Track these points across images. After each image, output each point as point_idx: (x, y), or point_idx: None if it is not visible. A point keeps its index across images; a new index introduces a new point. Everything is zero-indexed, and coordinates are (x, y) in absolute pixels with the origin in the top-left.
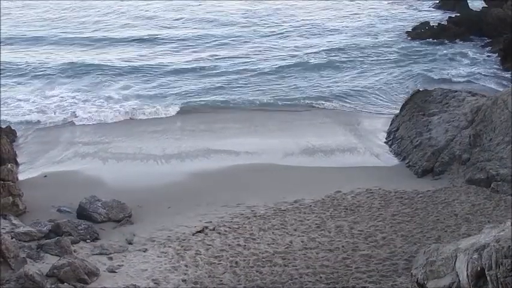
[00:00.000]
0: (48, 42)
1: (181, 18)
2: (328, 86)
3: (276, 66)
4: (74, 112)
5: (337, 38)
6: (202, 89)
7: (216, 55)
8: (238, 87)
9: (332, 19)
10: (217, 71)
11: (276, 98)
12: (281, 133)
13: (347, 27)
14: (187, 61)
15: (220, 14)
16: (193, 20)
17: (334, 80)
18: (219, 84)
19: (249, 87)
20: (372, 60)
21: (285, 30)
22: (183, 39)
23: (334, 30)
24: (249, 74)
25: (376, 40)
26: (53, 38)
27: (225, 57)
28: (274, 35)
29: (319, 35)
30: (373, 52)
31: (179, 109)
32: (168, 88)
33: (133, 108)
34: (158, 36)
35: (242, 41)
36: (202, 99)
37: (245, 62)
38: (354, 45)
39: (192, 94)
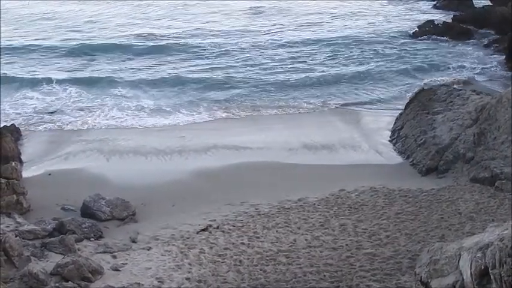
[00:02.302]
0: (57, 46)
1: (181, 23)
2: (331, 85)
3: (279, 66)
4: (79, 113)
5: (340, 36)
6: (207, 93)
7: (219, 58)
8: (240, 87)
9: (335, 18)
10: (221, 73)
11: (278, 97)
12: (285, 131)
13: (350, 26)
14: (196, 69)
15: (223, 16)
16: (192, 27)
17: (337, 79)
18: (221, 84)
19: (251, 86)
20: (376, 59)
21: (286, 30)
22: (186, 46)
23: (337, 30)
24: (251, 74)
25: (380, 39)
26: (63, 42)
27: (227, 59)
28: (274, 33)
29: (321, 34)
30: (377, 51)
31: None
32: (175, 95)
33: (144, 112)
34: (162, 44)
35: (243, 42)
36: (209, 102)
37: (247, 63)
38: (357, 44)
39: (198, 98)
